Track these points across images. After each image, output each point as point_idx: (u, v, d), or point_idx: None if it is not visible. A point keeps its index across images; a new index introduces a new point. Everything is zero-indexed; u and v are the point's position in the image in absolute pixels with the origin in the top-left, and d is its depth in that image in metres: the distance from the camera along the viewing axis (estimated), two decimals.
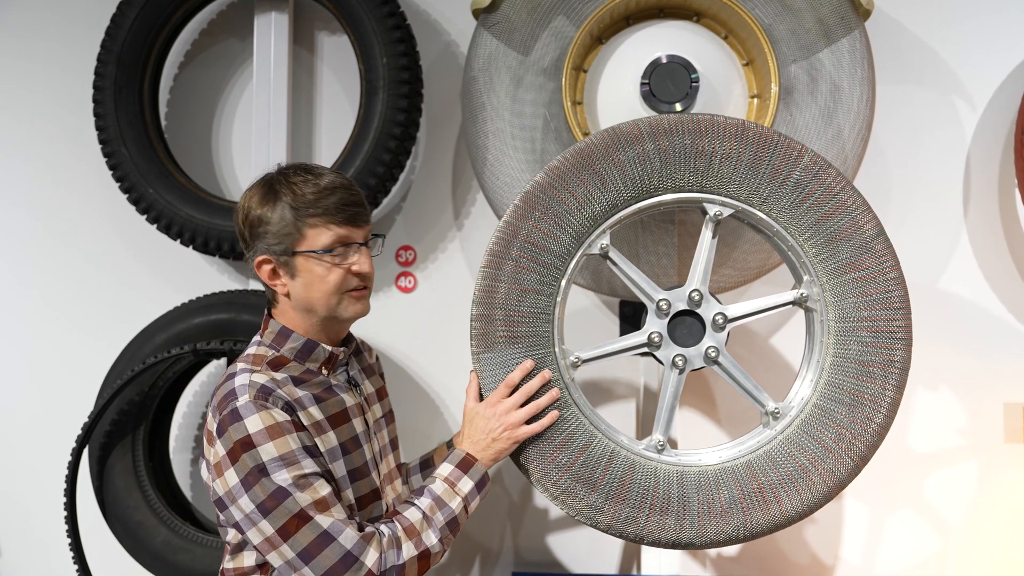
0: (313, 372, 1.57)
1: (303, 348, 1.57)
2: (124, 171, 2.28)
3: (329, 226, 1.51)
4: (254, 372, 1.50)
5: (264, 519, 1.41)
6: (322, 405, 1.53)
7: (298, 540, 1.40)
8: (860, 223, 1.62)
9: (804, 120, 1.98)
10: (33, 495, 2.47)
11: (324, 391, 1.56)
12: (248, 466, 1.42)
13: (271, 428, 1.43)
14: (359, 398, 1.64)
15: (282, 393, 1.47)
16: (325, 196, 1.51)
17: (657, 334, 1.68)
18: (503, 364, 1.62)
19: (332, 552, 1.40)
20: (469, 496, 1.55)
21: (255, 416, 1.43)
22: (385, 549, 1.44)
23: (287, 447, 1.43)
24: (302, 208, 1.50)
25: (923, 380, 2.34)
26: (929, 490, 2.36)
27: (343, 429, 1.55)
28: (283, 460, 1.42)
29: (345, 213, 1.52)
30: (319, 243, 1.51)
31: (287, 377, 1.52)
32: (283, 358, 1.56)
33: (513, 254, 1.63)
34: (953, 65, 2.37)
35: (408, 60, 2.24)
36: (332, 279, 1.53)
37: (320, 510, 1.41)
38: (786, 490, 1.60)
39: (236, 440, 1.43)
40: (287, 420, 1.45)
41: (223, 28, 2.49)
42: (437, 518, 1.51)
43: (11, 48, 2.50)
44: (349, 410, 1.58)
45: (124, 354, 2.25)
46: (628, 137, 1.63)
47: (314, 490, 1.42)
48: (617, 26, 2.03)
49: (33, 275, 2.50)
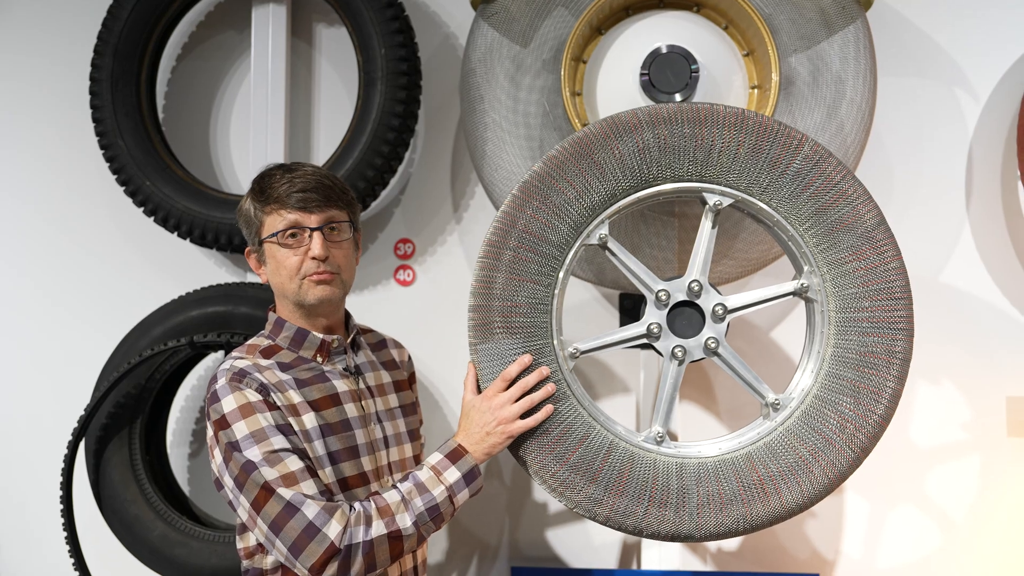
0: (306, 360, 1.65)
1: (295, 336, 1.66)
2: (121, 163, 2.27)
3: (281, 212, 1.60)
4: (239, 359, 1.60)
5: (241, 494, 1.49)
6: (305, 389, 1.59)
7: (267, 512, 1.46)
8: (861, 212, 1.61)
9: (804, 111, 1.97)
10: (29, 488, 2.46)
11: (313, 376, 1.63)
12: (224, 444, 1.51)
13: (243, 407, 1.52)
14: (357, 386, 1.68)
15: (258, 376, 1.56)
16: (280, 185, 1.60)
17: (656, 325, 1.67)
18: (501, 355, 1.61)
19: (296, 523, 1.44)
20: (455, 487, 1.55)
21: (229, 396, 1.53)
22: (352, 524, 1.46)
23: (257, 424, 1.50)
24: (260, 198, 1.62)
25: (925, 374, 2.33)
26: (931, 485, 2.35)
27: (329, 412, 1.60)
28: (253, 437, 1.49)
29: (295, 199, 1.59)
30: (274, 228, 1.61)
31: (274, 363, 1.61)
32: (277, 347, 1.66)
33: (511, 244, 1.61)
34: (956, 57, 2.36)
35: (406, 52, 2.23)
36: (290, 263, 1.60)
37: (287, 484, 1.46)
38: (786, 482, 1.59)
39: (214, 420, 1.54)
40: (259, 400, 1.53)
41: (221, 20, 2.48)
42: (416, 503, 1.51)
43: (7, 41, 2.49)
44: (341, 395, 1.63)
45: (121, 347, 2.24)
46: (627, 126, 1.62)
47: (283, 465, 1.48)
48: (616, 16, 2.01)
49: (30, 267, 2.49)
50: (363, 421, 1.65)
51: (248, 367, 1.57)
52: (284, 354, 1.65)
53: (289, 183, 1.60)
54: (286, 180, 1.60)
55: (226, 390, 1.54)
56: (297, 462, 1.49)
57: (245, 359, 1.60)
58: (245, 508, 1.49)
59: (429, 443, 2.41)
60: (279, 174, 1.63)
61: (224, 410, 1.52)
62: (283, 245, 1.60)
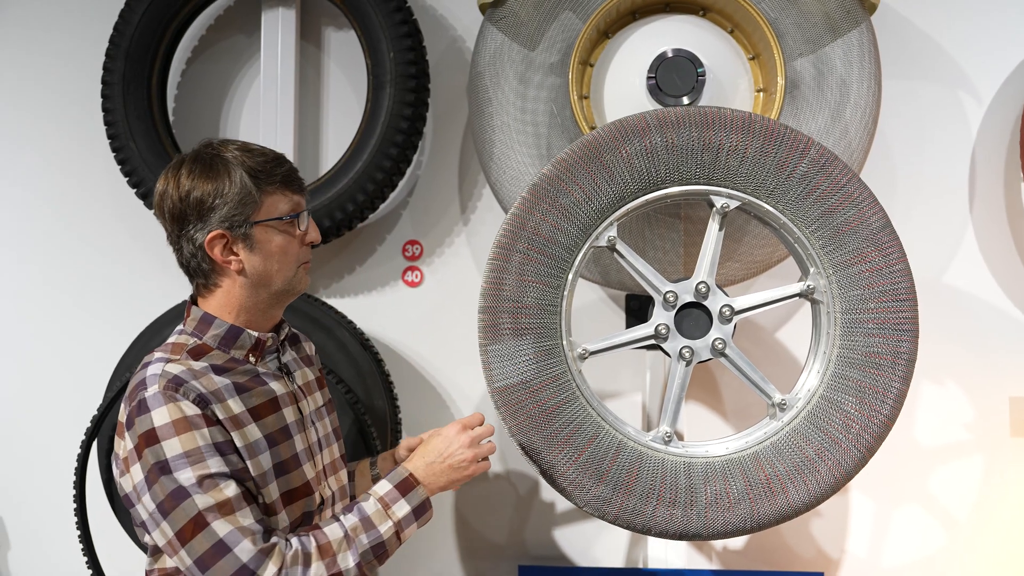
0: (238, 360, 1.47)
1: (227, 335, 1.46)
2: (133, 165, 2.29)
3: (286, 193, 1.46)
4: (169, 361, 1.40)
5: (164, 520, 1.32)
6: (244, 396, 1.42)
7: (194, 547, 1.31)
8: (866, 215, 1.63)
9: (810, 114, 1.99)
10: (43, 487, 2.48)
11: (250, 380, 1.46)
12: (150, 462, 1.33)
13: (177, 422, 1.33)
14: (291, 386, 1.54)
15: (196, 384, 1.37)
16: (278, 164, 1.46)
17: (664, 326, 1.69)
18: (510, 356, 1.63)
19: (227, 564, 1.30)
20: (404, 522, 1.44)
21: (163, 408, 1.34)
22: (288, 564, 1.33)
23: (193, 443, 1.33)
24: (261, 176, 1.43)
25: (929, 375, 2.34)
26: (935, 484, 2.37)
27: (270, 420, 1.45)
28: (187, 457, 1.32)
29: (298, 181, 1.49)
30: (279, 210, 1.45)
31: (207, 367, 1.42)
32: (205, 346, 1.46)
33: (520, 246, 1.64)
34: (959, 59, 2.37)
35: (415, 55, 2.24)
36: (293, 249, 1.47)
37: (223, 513, 1.31)
38: (793, 481, 1.61)
39: (140, 433, 1.34)
40: (197, 414, 1.35)
41: (231, 23, 2.51)
42: (361, 540, 1.40)
43: (20, 43, 2.52)
44: (279, 399, 1.48)
45: (134, 346, 2.26)
46: (635, 130, 1.64)
47: (218, 491, 1.32)
48: (623, 20, 2.03)
49: (43, 268, 2.52)
50: (300, 425, 1.51)
51: (183, 373, 1.37)
52: (215, 355, 1.45)
53: (277, 162, 1.46)
54: (273, 158, 1.46)
55: (158, 400, 1.34)
56: (234, 488, 1.33)
57: (175, 363, 1.40)
58: (166, 536, 1.33)
59: None
60: (252, 149, 1.46)
61: (155, 423, 1.33)
62: (285, 230, 1.46)
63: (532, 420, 1.63)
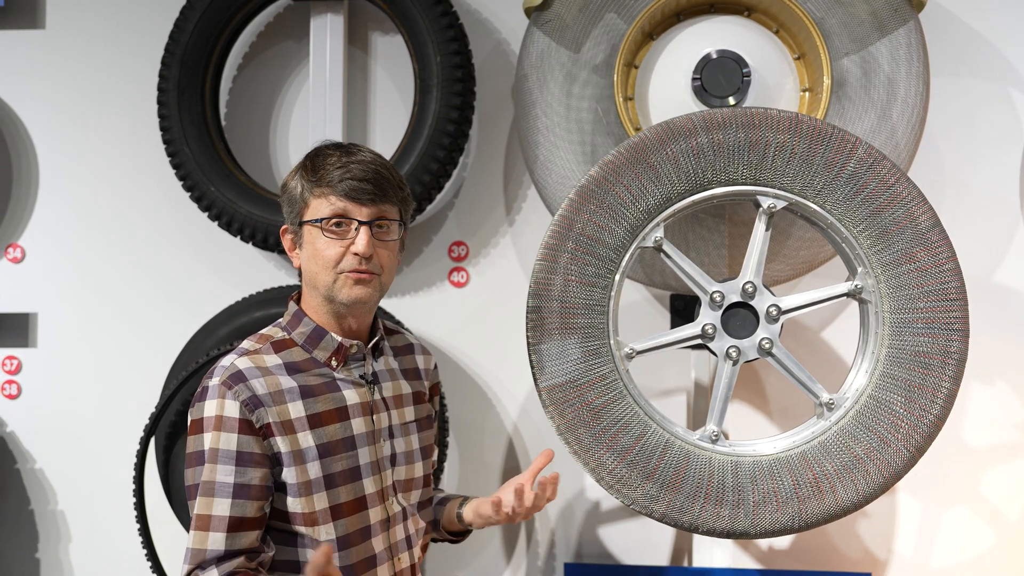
0: (318, 363, 1.50)
1: (312, 334, 1.50)
2: (187, 170, 2.35)
3: (329, 197, 1.46)
4: (246, 354, 1.46)
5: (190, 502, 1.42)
6: (309, 401, 1.45)
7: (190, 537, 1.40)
8: (915, 214, 1.62)
9: (856, 113, 1.98)
10: (103, 483, 2.55)
11: (322, 384, 1.48)
12: (190, 448, 1.41)
13: (217, 419, 1.39)
14: (371, 397, 1.54)
15: (255, 384, 1.41)
16: (334, 169, 1.46)
17: (711, 326, 1.70)
18: (559, 355, 1.65)
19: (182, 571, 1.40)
20: None
21: (213, 401, 1.40)
22: None
23: (217, 444, 1.38)
24: (310, 178, 1.47)
25: (978, 374, 2.32)
26: (985, 485, 2.34)
27: (332, 428, 1.46)
28: (209, 455, 1.38)
29: (347, 186, 1.45)
30: (320, 213, 1.46)
31: (280, 364, 1.46)
32: (291, 341, 1.51)
33: (568, 247, 1.66)
34: (1009, 55, 2.34)
35: (461, 59, 2.27)
36: (329, 253, 1.45)
37: (198, 526, 1.38)
38: (841, 480, 1.61)
39: (192, 419, 1.42)
40: (235, 417, 1.39)
41: (280, 30, 2.56)
42: None
43: (77, 54, 2.59)
44: (350, 408, 1.49)
45: (188, 347, 2.32)
46: (682, 131, 1.65)
47: (209, 503, 1.37)
48: (668, 22, 2.04)
49: (101, 273, 2.58)
50: (371, 438, 1.52)
51: (248, 370, 1.42)
52: (296, 352, 1.49)
53: (344, 168, 1.45)
54: (341, 164, 1.46)
55: (214, 391, 1.40)
56: (225, 507, 1.36)
57: (249, 356, 1.45)
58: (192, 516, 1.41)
59: (481, 439, 2.47)
60: (335, 155, 1.48)
61: (203, 413, 1.40)
62: (326, 232, 1.46)
63: (580, 418, 1.65)
